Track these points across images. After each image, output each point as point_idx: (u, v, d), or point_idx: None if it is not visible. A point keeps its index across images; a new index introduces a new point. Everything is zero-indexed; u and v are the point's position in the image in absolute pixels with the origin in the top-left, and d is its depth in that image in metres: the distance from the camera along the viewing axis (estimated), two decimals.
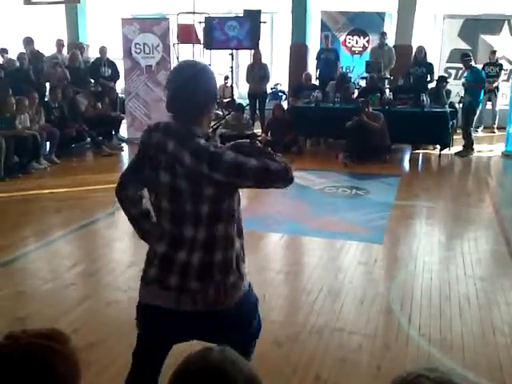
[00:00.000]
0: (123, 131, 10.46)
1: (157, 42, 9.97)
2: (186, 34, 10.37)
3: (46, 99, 9.16)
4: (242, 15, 10.97)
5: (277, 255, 4.98)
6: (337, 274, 4.30)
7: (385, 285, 4.10)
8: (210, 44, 10.20)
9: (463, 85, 9.32)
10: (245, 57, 12.53)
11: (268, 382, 2.89)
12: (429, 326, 3.46)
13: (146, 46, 9.96)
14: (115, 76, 10.47)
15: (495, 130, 11.33)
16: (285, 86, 13.07)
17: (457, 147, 9.30)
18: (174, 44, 10.42)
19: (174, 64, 10.52)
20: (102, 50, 10.43)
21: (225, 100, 11.81)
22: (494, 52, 11.26)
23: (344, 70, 11.81)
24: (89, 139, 9.26)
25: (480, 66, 10.51)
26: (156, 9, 13.72)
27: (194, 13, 10.75)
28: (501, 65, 11.22)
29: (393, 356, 3.12)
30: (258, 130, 10.52)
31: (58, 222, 5.74)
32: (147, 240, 2.26)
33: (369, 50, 11.78)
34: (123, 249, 5.12)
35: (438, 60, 12.20)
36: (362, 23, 12.29)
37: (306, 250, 5.18)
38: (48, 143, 8.32)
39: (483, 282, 4.16)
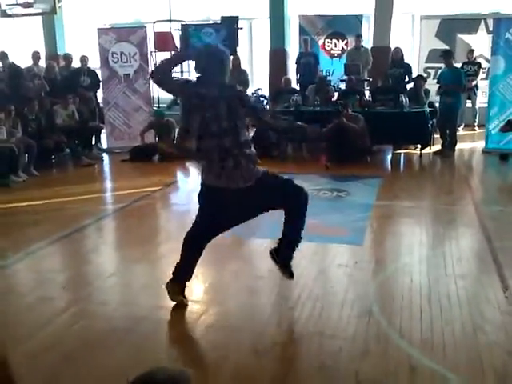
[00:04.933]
0: (103, 141, 10.39)
1: (134, 50, 9.93)
2: (163, 42, 10.34)
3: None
4: (219, 22, 10.97)
5: (257, 261, 4.89)
6: (316, 278, 4.24)
7: (365, 287, 4.05)
8: None
9: (440, 86, 9.31)
10: None
11: None
12: (409, 328, 3.41)
13: (123, 55, 9.91)
14: (95, 85, 10.39)
15: (476, 128, 11.41)
16: (266, 91, 13.06)
17: (438, 146, 9.33)
18: (151, 52, 10.36)
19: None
20: (83, 60, 10.38)
21: None
22: (471, 51, 11.34)
23: (324, 73, 11.82)
24: (68, 150, 9.15)
25: (458, 65, 10.57)
26: (134, 17, 13.67)
27: (170, 20, 10.72)
28: (479, 63, 11.30)
29: (372, 360, 3.07)
30: None
31: (36, 235, 5.60)
32: None
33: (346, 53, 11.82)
34: (102, 261, 5.02)
35: (417, 60, 12.27)
36: (340, 26, 12.34)
37: None
38: (27, 156, 8.22)
39: (464, 281, 4.12)
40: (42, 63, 10.96)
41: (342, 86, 10.86)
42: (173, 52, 10.37)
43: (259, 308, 3.84)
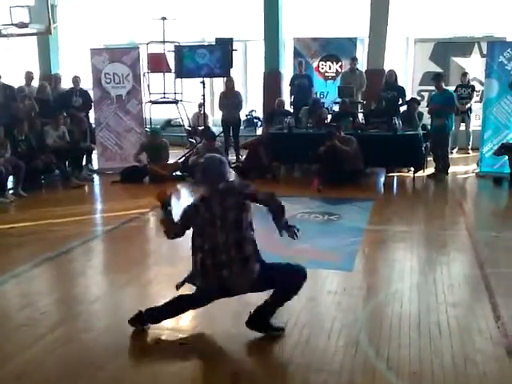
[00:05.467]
0: (95, 162, 10.31)
1: (127, 71, 9.89)
2: (157, 63, 10.31)
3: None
4: (214, 43, 10.96)
5: None
6: (304, 305, 4.11)
7: (353, 315, 3.93)
8: (180, 72, 10.13)
9: (430, 109, 9.27)
10: (220, 85, 12.51)
11: None
12: (397, 358, 3.29)
13: (115, 76, 9.87)
14: (87, 106, 10.34)
15: (470, 151, 11.36)
16: (260, 113, 13.05)
17: (431, 169, 9.27)
18: (144, 73, 10.33)
19: (144, 93, 10.43)
20: (75, 80, 10.35)
21: (199, 128, 11.70)
22: (465, 74, 11.35)
23: (318, 95, 11.82)
24: (57, 171, 9.04)
25: (452, 88, 10.57)
26: (128, 38, 13.69)
27: (164, 42, 10.71)
28: (473, 86, 11.30)
29: None
30: (232, 157, 10.43)
31: (21, 258, 5.47)
32: None
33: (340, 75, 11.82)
34: (88, 284, 4.89)
35: (411, 83, 12.28)
36: (335, 49, 12.38)
37: None
38: (14, 177, 8.13)
39: (455, 309, 4.01)
40: (36, 83, 10.91)
41: (336, 108, 10.84)
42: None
43: (243, 336, 3.68)
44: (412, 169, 9.05)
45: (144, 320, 3.74)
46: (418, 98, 10.87)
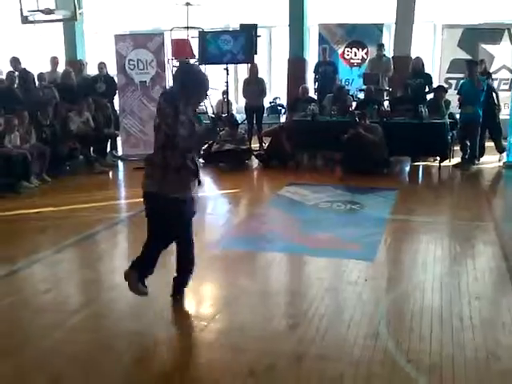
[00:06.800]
0: (119, 148, 10.36)
1: (151, 57, 9.88)
2: (181, 49, 10.28)
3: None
4: (238, 29, 10.89)
5: (265, 276, 4.72)
6: (324, 296, 4.07)
7: (374, 306, 3.88)
8: (204, 59, 10.09)
9: (461, 95, 9.06)
10: (244, 71, 12.43)
11: None
12: (418, 351, 3.24)
13: (139, 62, 9.88)
14: (110, 92, 10.37)
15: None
16: (284, 100, 12.93)
17: (458, 159, 9.09)
18: (168, 59, 10.31)
19: (169, 79, 10.41)
20: (100, 66, 10.39)
21: (223, 115, 11.64)
22: (481, 61, 10.97)
23: (343, 82, 11.67)
24: (81, 157, 9.11)
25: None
26: (153, 25, 13.67)
27: (187, 28, 10.66)
28: (489, 73, 10.91)
29: None
30: (255, 145, 10.37)
31: (42, 243, 5.54)
32: None
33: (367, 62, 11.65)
34: (107, 270, 4.92)
35: (438, 71, 12.04)
36: (361, 35, 12.18)
37: (292, 269, 4.96)
38: (39, 162, 8.21)
39: (479, 301, 3.93)
40: (61, 69, 10.98)
41: (361, 95, 10.69)
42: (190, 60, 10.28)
43: (261, 326, 3.67)
44: (438, 158, 8.90)
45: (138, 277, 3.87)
46: (446, 86, 10.64)
